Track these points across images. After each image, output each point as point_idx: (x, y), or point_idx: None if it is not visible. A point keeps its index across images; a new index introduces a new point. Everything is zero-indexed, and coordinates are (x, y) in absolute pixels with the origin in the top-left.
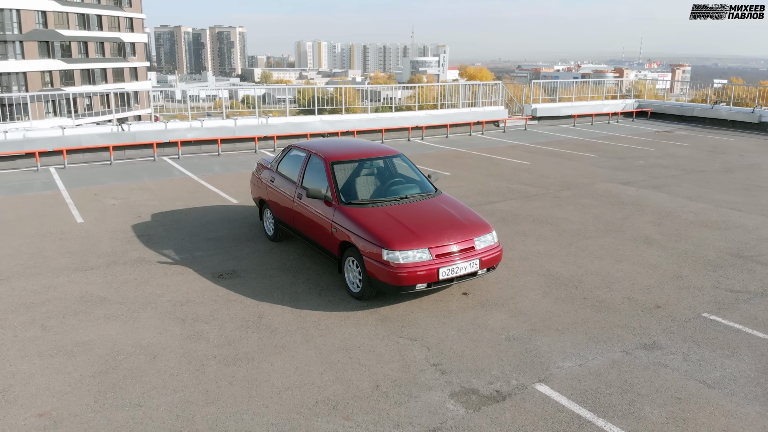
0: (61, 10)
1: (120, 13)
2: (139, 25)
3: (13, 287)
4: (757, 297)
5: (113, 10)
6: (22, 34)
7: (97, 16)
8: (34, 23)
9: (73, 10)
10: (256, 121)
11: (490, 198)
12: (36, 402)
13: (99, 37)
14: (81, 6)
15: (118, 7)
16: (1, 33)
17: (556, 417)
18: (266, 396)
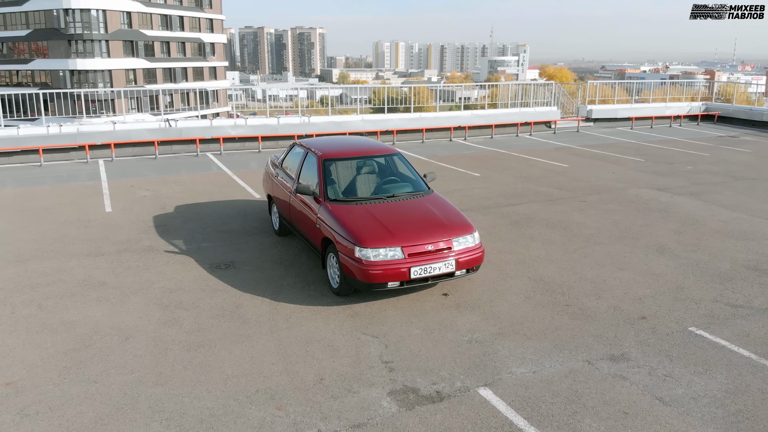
0: (145, 11)
1: (201, 14)
2: (218, 26)
3: (26, 268)
4: (758, 313)
5: (194, 12)
6: (108, 34)
7: (179, 17)
8: (120, 23)
9: (157, 11)
10: (298, 120)
11: (511, 200)
12: (7, 372)
13: (180, 38)
14: (164, 7)
15: (199, 9)
16: (88, 32)
17: (488, 422)
18: (212, 382)
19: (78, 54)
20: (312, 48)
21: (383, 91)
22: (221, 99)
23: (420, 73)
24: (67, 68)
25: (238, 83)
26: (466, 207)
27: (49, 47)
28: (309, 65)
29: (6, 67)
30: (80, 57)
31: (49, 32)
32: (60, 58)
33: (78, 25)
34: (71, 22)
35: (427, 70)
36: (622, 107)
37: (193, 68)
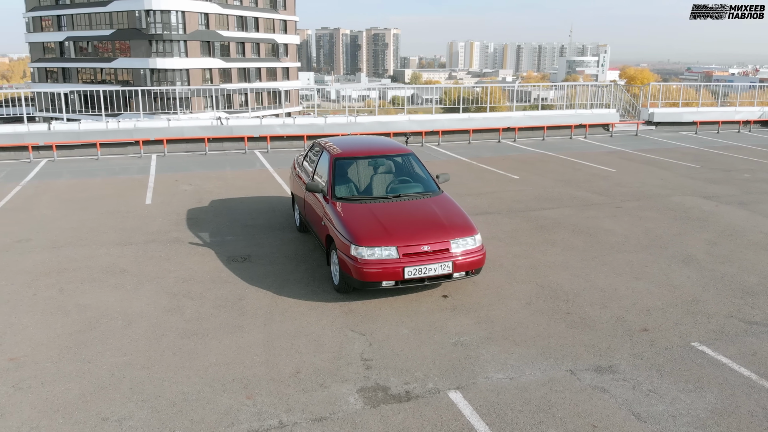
0: (222, 13)
1: (275, 15)
2: (292, 27)
3: (58, 254)
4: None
5: (269, 13)
6: (186, 34)
7: (254, 18)
8: (198, 24)
9: (233, 13)
10: (345, 120)
11: (544, 204)
12: (14, 348)
13: (255, 38)
14: (240, 9)
15: (274, 10)
16: (167, 33)
17: (448, 425)
18: (195, 368)
19: (158, 53)
20: (386, 49)
21: (455, 90)
22: (293, 99)
23: (494, 73)
24: (148, 67)
25: (313, 84)
26: (494, 210)
27: (131, 46)
28: (382, 66)
29: (91, 65)
30: (160, 56)
31: (131, 32)
32: (141, 57)
33: (158, 25)
34: (152, 22)
35: (501, 70)
36: (687, 110)
37: (266, 68)
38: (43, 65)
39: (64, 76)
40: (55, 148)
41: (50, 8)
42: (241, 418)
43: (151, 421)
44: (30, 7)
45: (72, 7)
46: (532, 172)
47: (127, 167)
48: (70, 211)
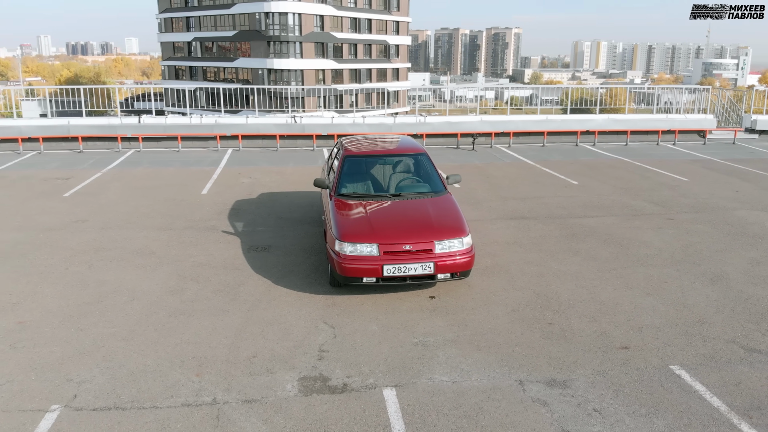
0: (337, 15)
1: (388, 17)
2: (404, 28)
3: (103, 235)
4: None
5: (382, 14)
6: (302, 36)
7: (368, 20)
8: (313, 26)
9: (347, 15)
10: (414, 119)
11: (589, 212)
12: (26, 313)
13: (368, 40)
14: (354, 11)
15: (387, 12)
16: (284, 35)
17: (365, 420)
18: (166, 344)
19: (275, 54)
20: (506, 48)
21: (577, 91)
22: (401, 99)
23: (622, 74)
24: (266, 67)
25: (428, 84)
26: (532, 215)
27: (251, 47)
28: (501, 66)
29: (215, 64)
30: (277, 57)
31: (252, 33)
32: (260, 57)
33: (276, 27)
34: (270, 24)
35: (630, 71)
36: None
37: (377, 69)
38: (172, 63)
39: (191, 74)
40: (142, 139)
41: (180, 10)
42: (181, 392)
43: (105, 386)
44: (162, 8)
45: (200, 9)
46: (594, 178)
47: (202, 159)
48: (131, 198)
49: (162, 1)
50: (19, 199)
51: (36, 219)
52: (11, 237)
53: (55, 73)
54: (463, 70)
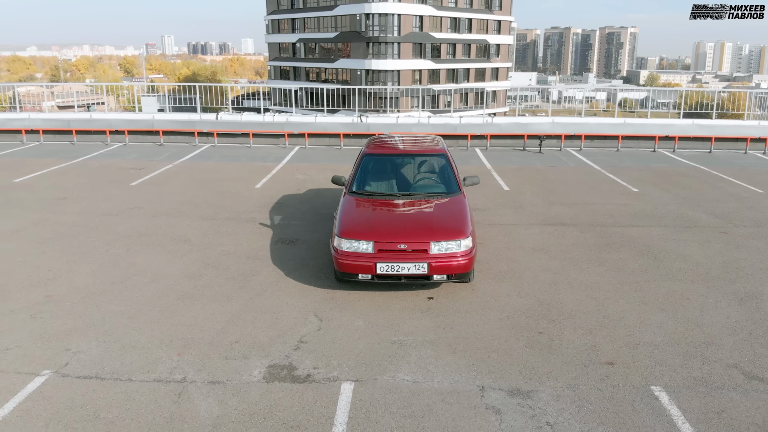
0: (436, 15)
1: (490, 16)
2: (506, 27)
3: (151, 222)
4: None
5: (483, 14)
6: (400, 37)
7: (468, 20)
8: (412, 27)
9: (447, 15)
10: (480, 120)
11: (637, 221)
12: (56, 288)
13: (467, 39)
14: (454, 10)
15: (488, 11)
16: (383, 35)
17: (312, 411)
18: (163, 324)
19: (373, 55)
20: (620, 48)
21: (695, 95)
22: (501, 99)
23: (747, 77)
24: (364, 68)
25: (535, 84)
26: (574, 222)
27: (351, 48)
28: (615, 66)
29: (317, 64)
30: (375, 58)
31: (352, 35)
32: (359, 58)
33: (376, 28)
34: (370, 25)
35: (756, 75)
36: None
37: (475, 69)
38: (278, 64)
39: (295, 74)
40: (216, 135)
41: (286, 12)
42: (158, 368)
43: (95, 357)
44: (270, 10)
45: (305, 11)
46: (658, 186)
47: (268, 156)
48: (190, 189)
49: (270, 3)
50: (93, 185)
51: (99, 204)
52: (72, 220)
53: (175, 71)
54: (574, 71)
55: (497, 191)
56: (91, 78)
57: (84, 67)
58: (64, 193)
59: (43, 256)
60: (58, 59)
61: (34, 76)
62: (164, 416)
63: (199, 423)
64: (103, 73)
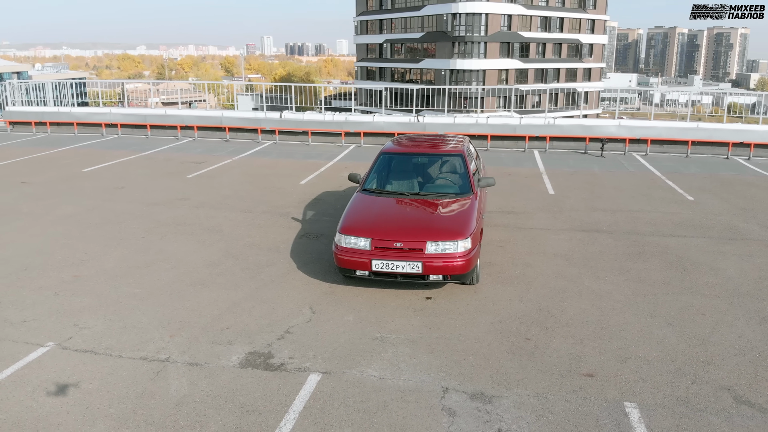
0: (526, 14)
1: (583, 15)
2: (600, 26)
3: (192, 212)
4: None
5: (576, 12)
6: (487, 36)
7: (559, 19)
8: (499, 26)
9: (537, 14)
10: (542, 121)
11: (679, 231)
12: (86, 269)
13: (558, 39)
14: (545, 9)
15: (582, 10)
16: (470, 35)
17: (270, 398)
18: (167, 308)
19: (458, 55)
20: (729, 50)
21: None
22: (593, 101)
23: None
24: (448, 68)
25: (635, 85)
26: (610, 229)
27: (437, 48)
28: (723, 69)
29: (402, 65)
30: (460, 57)
31: (438, 35)
32: (444, 58)
33: (462, 28)
34: (457, 25)
35: None
36: None
37: (566, 69)
38: (364, 65)
39: (380, 75)
40: (278, 132)
41: (375, 13)
42: (147, 348)
43: (97, 333)
44: (359, 12)
45: (392, 11)
46: (718, 195)
47: (322, 154)
48: (239, 183)
49: (359, 5)
50: (151, 177)
51: (150, 194)
52: (121, 208)
53: (272, 71)
54: (678, 73)
55: (541, 195)
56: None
57: (188, 66)
58: (123, 183)
59: (85, 239)
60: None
61: (142, 73)
62: (137, 391)
63: (164, 400)
64: (205, 72)
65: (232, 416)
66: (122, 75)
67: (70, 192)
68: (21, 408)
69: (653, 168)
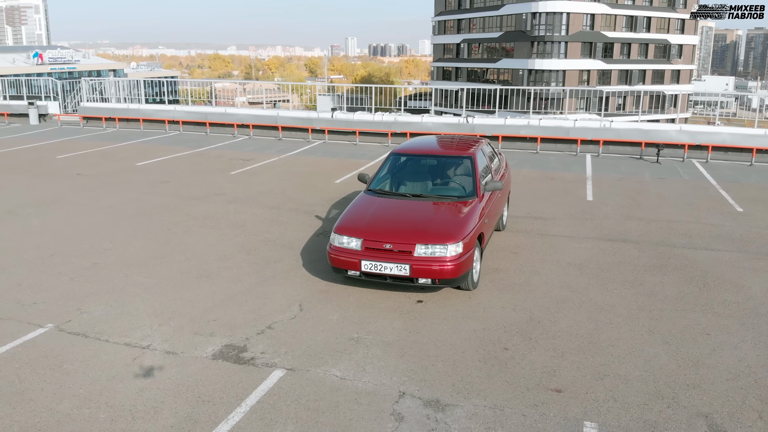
0: (610, 13)
1: (672, 14)
2: (691, 26)
3: (223, 207)
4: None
5: (665, 12)
6: (568, 36)
7: (646, 18)
8: (581, 25)
9: (622, 13)
10: (597, 124)
11: (714, 244)
12: (106, 257)
13: (644, 39)
14: (631, 8)
15: (671, 9)
16: (549, 35)
17: (230, 391)
18: (166, 298)
19: (537, 54)
20: None
21: None
22: (682, 104)
23: None
24: (526, 68)
25: (732, 89)
26: (638, 240)
27: (515, 48)
28: None
29: (479, 65)
30: (539, 57)
31: (516, 34)
32: (522, 58)
33: (542, 27)
34: (536, 24)
35: None
36: None
37: (652, 71)
38: (440, 65)
39: (456, 75)
40: (327, 132)
41: (453, 13)
42: (134, 334)
43: (95, 318)
44: (437, 12)
45: (471, 11)
46: (759, 207)
47: (367, 153)
48: (277, 180)
49: (438, 5)
50: (197, 172)
51: (190, 189)
52: (158, 201)
53: (353, 72)
54: None
55: (577, 201)
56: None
57: (274, 67)
58: (169, 177)
59: (115, 229)
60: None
61: (231, 73)
62: (109, 375)
63: (131, 384)
64: (290, 72)
65: (186, 405)
66: (212, 74)
67: (118, 184)
68: (4, 383)
69: (710, 176)
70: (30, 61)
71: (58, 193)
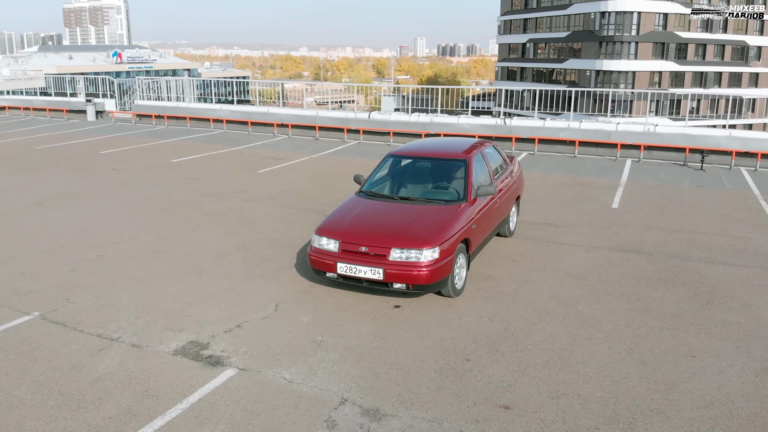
0: (684, 12)
1: None
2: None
3: (238, 204)
4: None
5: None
6: (639, 36)
7: (723, 18)
8: (653, 25)
9: None
10: (641, 128)
11: (735, 258)
12: (111, 250)
13: (720, 40)
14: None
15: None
16: (619, 35)
17: (176, 386)
18: (153, 292)
19: (606, 55)
20: None
21: None
22: (760, 109)
23: None
24: (594, 68)
25: None
26: (653, 251)
27: (582, 48)
28: None
29: (545, 65)
30: (607, 58)
31: (584, 34)
32: (590, 58)
33: (611, 27)
34: (605, 24)
35: None
36: None
37: (729, 73)
38: (505, 65)
39: (521, 75)
40: (362, 132)
41: (519, 12)
42: (108, 326)
43: (79, 309)
44: (503, 11)
45: (537, 10)
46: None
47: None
48: (300, 180)
49: (504, 4)
50: (227, 170)
51: (214, 186)
52: (179, 196)
53: (420, 72)
54: None
55: (601, 208)
56: (347, 78)
57: (343, 68)
58: (198, 174)
59: (128, 223)
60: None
61: (301, 74)
62: (72, 364)
63: (88, 375)
64: (358, 73)
65: (131, 398)
66: (283, 75)
67: (147, 180)
68: None
69: (755, 186)
70: (109, 60)
71: (87, 187)
